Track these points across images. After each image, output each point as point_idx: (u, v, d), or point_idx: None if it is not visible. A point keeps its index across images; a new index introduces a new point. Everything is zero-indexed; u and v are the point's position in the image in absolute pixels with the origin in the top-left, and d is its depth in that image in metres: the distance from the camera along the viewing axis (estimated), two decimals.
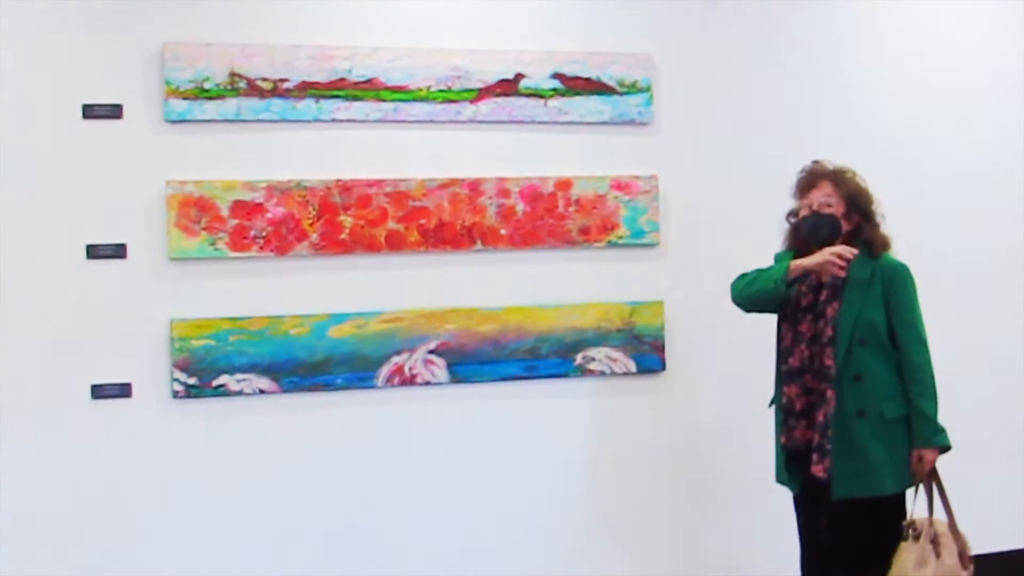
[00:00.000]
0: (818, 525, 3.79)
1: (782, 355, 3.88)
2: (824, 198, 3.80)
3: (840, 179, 3.82)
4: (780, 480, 3.91)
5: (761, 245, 4.09)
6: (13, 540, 4.02)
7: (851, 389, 3.71)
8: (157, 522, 4.17)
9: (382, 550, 4.38)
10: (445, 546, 4.44)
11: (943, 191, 5.00)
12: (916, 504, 3.76)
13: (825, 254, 3.69)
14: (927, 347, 3.76)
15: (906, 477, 3.74)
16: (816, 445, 3.73)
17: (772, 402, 3.96)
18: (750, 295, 3.87)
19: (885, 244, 3.84)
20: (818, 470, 3.71)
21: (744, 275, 3.95)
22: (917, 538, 3.68)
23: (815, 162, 3.91)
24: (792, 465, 3.84)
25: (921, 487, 3.76)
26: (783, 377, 3.86)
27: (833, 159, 3.94)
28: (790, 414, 3.81)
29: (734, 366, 4.67)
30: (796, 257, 3.83)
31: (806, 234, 3.82)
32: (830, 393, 3.71)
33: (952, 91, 5.05)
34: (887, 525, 3.74)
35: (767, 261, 4.02)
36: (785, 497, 3.97)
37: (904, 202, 4.82)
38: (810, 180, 3.85)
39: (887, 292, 3.76)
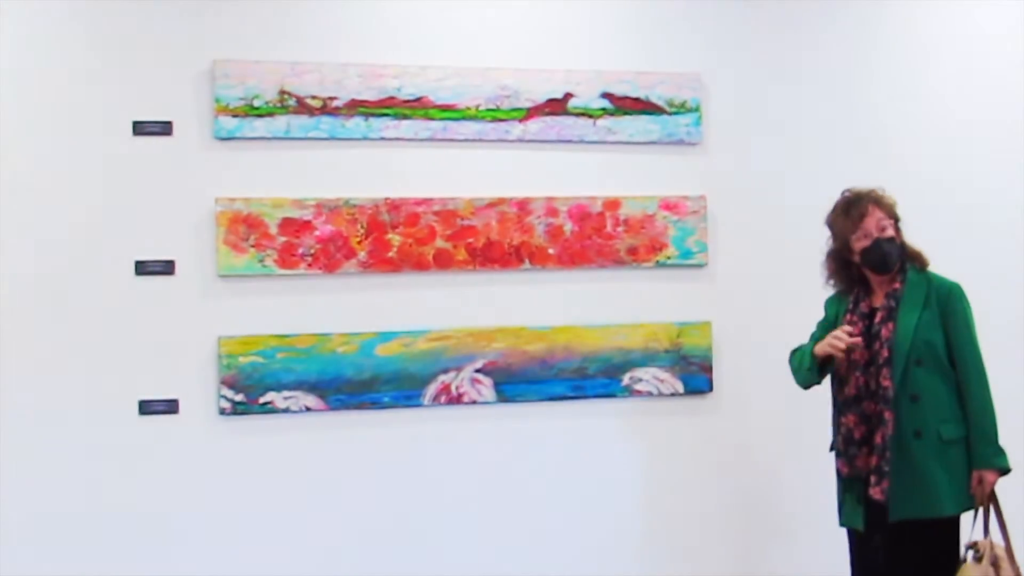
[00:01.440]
0: (872, 544, 3.72)
1: (838, 385, 3.82)
2: (879, 222, 3.72)
3: (880, 200, 3.76)
4: (843, 522, 3.83)
5: (809, 265, 4.04)
6: (60, 554, 4.02)
7: (908, 410, 3.65)
8: (203, 538, 4.15)
9: (427, 569, 4.35)
10: (490, 566, 4.40)
11: (991, 213, 4.95)
12: (974, 526, 3.70)
13: (829, 339, 3.71)
14: (985, 367, 3.71)
15: (964, 499, 3.67)
16: (875, 467, 3.67)
17: (832, 446, 3.88)
18: (803, 385, 3.95)
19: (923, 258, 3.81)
20: (875, 492, 3.65)
21: (792, 355, 3.97)
22: (979, 560, 3.63)
23: (849, 191, 3.83)
24: (849, 495, 3.77)
25: (979, 509, 3.70)
26: (840, 407, 3.80)
27: (867, 183, 3.85)
28: (850, 443, 3.74)
29: (782, 387, 4.53)
30: (850, 295, 3.83)
31: (876, 264, 3.73)
32: (888, 415, 3.65)
33: (998, 111, 4.99)
34: (942, 548, 3.68)
35: (814, 282, 3.99)
36: (835, 518, 3.91)
37: (953, 222, 4.80)
38: (860, 209, 3.74)
39: (944, 312, 3.70)
